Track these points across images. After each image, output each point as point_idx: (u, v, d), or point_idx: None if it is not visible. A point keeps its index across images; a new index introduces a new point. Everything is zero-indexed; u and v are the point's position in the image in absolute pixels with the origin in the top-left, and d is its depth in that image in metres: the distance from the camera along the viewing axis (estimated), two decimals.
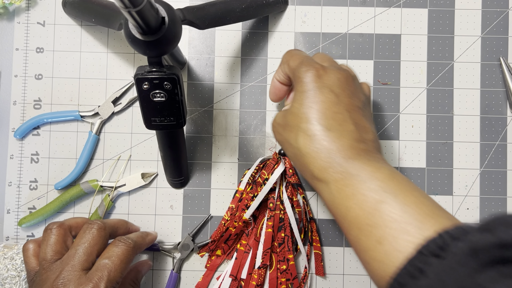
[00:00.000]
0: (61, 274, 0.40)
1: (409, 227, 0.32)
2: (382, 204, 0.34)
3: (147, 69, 0.41)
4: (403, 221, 0.33)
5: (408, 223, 0.32)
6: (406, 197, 0.34)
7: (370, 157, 0.38)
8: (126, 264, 0.42)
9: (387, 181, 0.35)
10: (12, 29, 0.55)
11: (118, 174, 0.54)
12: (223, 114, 0.54)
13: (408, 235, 0.32)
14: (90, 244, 0.42)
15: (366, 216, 0.34)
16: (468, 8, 0.55)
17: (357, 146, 0.38)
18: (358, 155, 0.37)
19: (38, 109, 0.55)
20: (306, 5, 0.55)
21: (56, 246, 0.43)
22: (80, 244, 0.42)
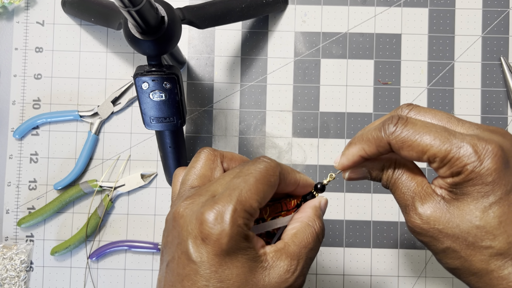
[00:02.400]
0: (176, 201, 0.32)
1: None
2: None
3: (147, 68, 0.41)
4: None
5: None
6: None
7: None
8: (265, 186, 0.30)
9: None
10: (11, 29, 0.55)
11: (118, 174, 0.54)
12: (223, 114, 0.54)
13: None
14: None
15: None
16: (468, 8, 0.55)
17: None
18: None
19: (37, 109, 0.54)
20: (306, 5, 0.55)
21: (200, 171, 0.34)
22: (191, 168, 0.33)
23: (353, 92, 0.54)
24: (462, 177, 0.29)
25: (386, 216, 0.53)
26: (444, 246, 0.30)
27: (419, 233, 0.31)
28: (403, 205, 0.32)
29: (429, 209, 0.31)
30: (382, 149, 0.32)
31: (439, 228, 0.30)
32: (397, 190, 0.32)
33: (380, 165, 0.33)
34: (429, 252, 0.53)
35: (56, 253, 0.52)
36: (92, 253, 0.53)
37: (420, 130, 0.30)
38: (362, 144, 0.33)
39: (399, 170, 0.33)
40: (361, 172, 0.34)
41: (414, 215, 0.31)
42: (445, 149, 0.29)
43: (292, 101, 0.54)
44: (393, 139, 0.31)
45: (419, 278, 0.53)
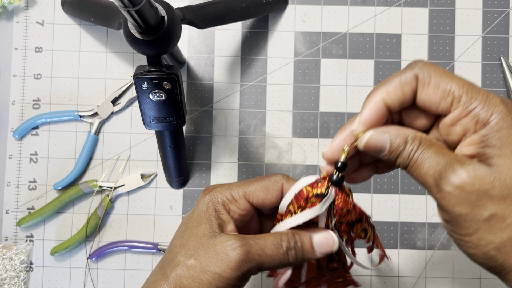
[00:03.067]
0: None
1: None
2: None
3: (147, 68, 0.41)
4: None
5: None
6: None
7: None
8: (257, 186, 0.36)
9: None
10: (11, 29, 0.55)
11: (117, 174, 0.54)
12: (223, 114, 0.54)
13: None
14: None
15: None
16: (468, 8, 0.54)
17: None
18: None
19: (37, 109, 0.54)
20: (306, 4, 0.54)
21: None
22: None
23: (353, 92, 0.54)
24: (492, 126, 0.27)
25: (386, 216, 0.53)
26: (488, 214, 0.27)
27: (458, 202, 0.27)
28: (435, 176, 0.28)
29: (471, 170, 0.27)
30: (408, 90, 0.29)
31: (484, 189, 0.27)
32: (424, 163, 0.29)
33: (404, 135, 0.30)
34: (429, 252, 0.53)
35: (56, 253, 0.52)
36: (92, 253, 0.53)
37: (446, 74, 0.29)
38: (385, 86, 0.30)
39: (426, 143, 0.29)
40: (382, 138, 0.30)
41: (453, 180, 0.27)
42: (472, 92, 0.28)
43: (292, 101, 0.54)
44: (421, 72, 0.29)
45: (419, 278, 0.53)
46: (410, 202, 0.53)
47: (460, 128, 0.29)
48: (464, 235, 0.28)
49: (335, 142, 0.32)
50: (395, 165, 0.31)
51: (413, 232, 0.53)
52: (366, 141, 0.30)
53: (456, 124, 0.29)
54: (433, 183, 0.28)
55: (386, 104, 0.30)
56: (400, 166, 0.30)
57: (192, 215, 0.36)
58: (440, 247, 0.53)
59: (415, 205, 0.53)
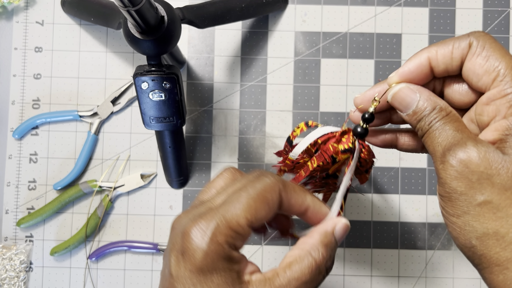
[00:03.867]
0: (188, 209, 0.29)
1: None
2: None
3: (146, 68, 0.41)
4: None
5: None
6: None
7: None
8: (259, 204, 0.27)
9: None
10: (10, 29, 0.55)
11: (117, 174, 0.54)
12: (223, 114, 0.54)
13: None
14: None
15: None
16: (469, 8, 0.54)
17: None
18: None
19: (36, 109, 0.54)
20: (306, 4, 0.54)
21: (216, 186, 0.31)
22: (229, 186, 0.30)
23: (354, 92, 0.54)
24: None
25: (386, 216, 0.53)
26: (483, 199, 0.26)
27: (457, 177, 0.26)
28: (445, 146, 0.27)
29: (483, 151, 0.26)
30: (457, 55, 0.28)
31: (488, 173, 0.26)
32: (441, 134, 0.28)
33: (434, 102, 0.29)
34: (429, 252, 0.53)
35: (56, 253, 0.52)
36: (91, 254, 0.53)
37: (501, 50, 0.28)
38: (436, 46, 0.29)
39: (451, 117, 0.28)
40: (411, 95, 0.29)
41: (460, 154, 0.26)
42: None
43: (292, 101, 0.54)
44: (475, 41, 0.28)
45: (419, 278, 0.53)
46: (410, 202, 0.53)
47: (493, 109, 0.28)
48: (453, 215, 0.27)
49: (370, 91, 0.31)
50: (415, 130, 0.30)
51: (413, 232, 0.53)
52: (395, 92, 0.29)
53: (490, 103, 0.28)
54: (440, 153, 0.27)
55: (431, 63, 0.29)
56: (418, 132, 0.29)
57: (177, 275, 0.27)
58: (440, 247, 0.53)
59: (415, 205, 0.53)
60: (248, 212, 0.27)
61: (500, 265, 0.26)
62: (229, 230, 0.26)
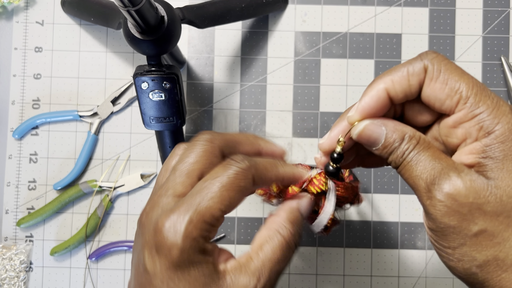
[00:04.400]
0: (151, 199, 0.29)
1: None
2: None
3: (146, 68, 0.41)
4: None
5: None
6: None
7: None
8: (232, 193, 0.27)
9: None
10: (10, 29, 0.55)
11: (117, 174, 0.54)
12: (223, 114, 0.54)
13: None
14: (189, 162, 0.28)
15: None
16: (469, 8, 0.54)
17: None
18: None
19: (36, 109, 0.54)
20: (306, 4, 0.54)
21: (189, 168, 0.29)
22: (179, 162, 0.29)
23: (354, 92, 0.54)
24: (496, 136, 0.25)
25: (387, 217, 0.53)
26: (477, 229, 0.25)
27: (448, 213, 0.25)
28: (427, 180, 0.26)
29: (468, 180, 0.25)
30: (414, 82, 0.27)
31: (478, 203, 0.25)
32: (418, 165, 0.27)
33: (402, 131, 0.28)
34: (429, 252, 0.53)
35: (56, 253, 0.52)
36: (91, 254, 0.53)
37: (457, 70, 0.27)
38: (390, 75, 0.28)
39: (423, 145, 0.27)
40: (377, 130, 0.28)
41: (447, 188, 0.25)
42: (481, 95, 0.26)
43: (292, 101, 0.54)
44: (431, 64, 0.27)
45: (419, 278, 0.53)
46: (410, 202, 0.53)
47: (462, 132, 0.27)
48: (448, 248, 0.27)
49: (333, 132, 0.30)
50: (387, 162, 0.29)
51: (413, 232, 0.53)
52: (360, 131, 0.28)
53: (459, 126, 0.27)
54: (425, 188, 0.26)
55: (389, 94, 0.28)
56: (391, 164, 0.28)
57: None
58: None
59: (415, 205, 0.53)
60: (222, 204, 0.26)
61: (504, 287, 0.26)
62: (203, 224, 0.26)
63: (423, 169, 0.27)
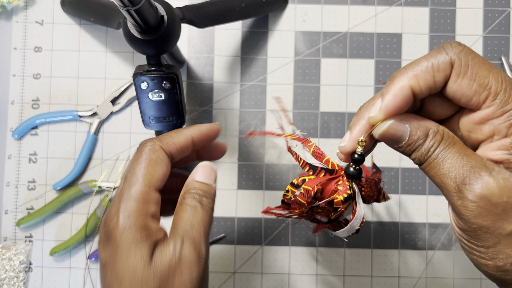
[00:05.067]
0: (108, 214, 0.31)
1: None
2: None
3: (146, 68, 0.40)
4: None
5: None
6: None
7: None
8: (150, 168, 0.31)
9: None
10: (10, 28, 0.54)
11: (117, 175, 0.54)
12: (223, 114, 0.54)
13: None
14: (142, 174, 0.31)
15: None
16: (469, 7, 0.54)
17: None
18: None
19: (36, 109, 0.54)
20: (306, 4, 0.54)
21: (139, 183, 0.32)
22: (128, 175, 0.31)
23: (354, 92, 0.54)
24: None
25: (387, 216, 0.53)
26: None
27: (481, 213, 0.25)
28: (457, 179, 0.25)
29: (500, 180, 0.24)
30: (440, 78, 0.26)
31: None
32: (445, 163, 0.26)
33: (426, 128, 0.27)
34: (429, 252, 0.53)
35: (55, 253, 0.52)
36: (91, 254, 0.53)
37: (486, 65, 0.25)
38: (414, 70, 0.26)
39: (448, 140, 0.26)
40: (401, 128, 0.27)
41: (479, 189, 0.24)
42: (510, 91, 0.25)
43: (292, 101, 0.54)
44: (457, 59, 0.26)
45: (419, 278, 0.53)
46: (410, 202, 0.53)
47: (489, 128, 0.26)
48: (481, 247, 0.26)
49: (354, 133, 0.29)
50: (411, 159, 0.28)
51: (413, 233, 0.53)
52: (385, 130, 0.27)
53: (486, 123, 0.26)
54: (454, 188, 0.25)
55: (414, 91, 0.26)
56: (414, 161, 0.28)
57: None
58: (440, 248, 0.53)
59: (415, 205, 0.53)
60: (144, 180, 0.30)
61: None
62: (135, 202, 0.29)
63: (450, 167, 0.26)
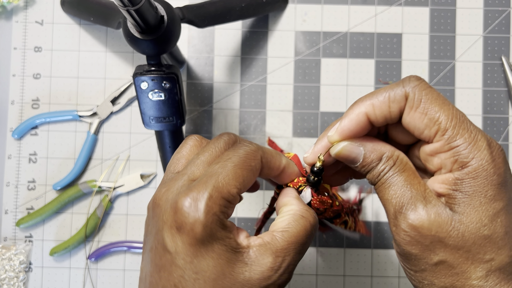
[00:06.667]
0: (164, 184, 0.29)
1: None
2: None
3: (146, 68, 0.40)
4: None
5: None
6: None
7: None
8: (244, 171, 0.28)
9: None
10: (10, 28, 0.54)
11: (117, 175, 0.54)
12: (223, 114, 0.54)
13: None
14: (211, 154, 0.30)
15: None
16: (469, 7, 0.54)
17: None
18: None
19: (36, 109, 0.54)
20: (306, 4, 0.54)
21: (185, 155, 0.31)
22: (201, 153, 0.30)
23: (354, 92, 0.54)
24: (469, 171, 0.26)
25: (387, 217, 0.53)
26: (438, 260, 0.26)
27: (411, 242, 0.27)
28: (396, 207, 0.27)
29: (433, 213, 0.26)
30: (395, 109, 0.28)
31: (440, 236, 0.26)
32: (390, 189, 0.28)
33: (380, 152, 0.29)
34: None
35: (55, 253, 0.52)
36: (91, 254, 0.53)
37: (438, 101, 0.27)
38: (371, 99, 0.28)
39: (399, 167, 0.28)
40: (355, 151, 0.29)
41: (411, 219, 0.26)
42: (459, 128, 0.26)
43: (293, 101, 0.54)
44: (412, 93, 0.27)
45: None
46: None
47: (438, 161, 0.28)
48: (410, 269, 0.28)
49: (316, 148, 0.31)
50: (366, 178, 0.30)
51: None
52: (338, 151, 0.29)
53: (435, 155, 0.28)
54: (392, 214, 0.28)
55: (369, 118, 0.28)
56: (369, 182, 0.29)
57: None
58: None
59: None
60: (237, 181, 0.28)
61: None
62: (222, 200, 0.27)
63: (393, 194, 0.27)
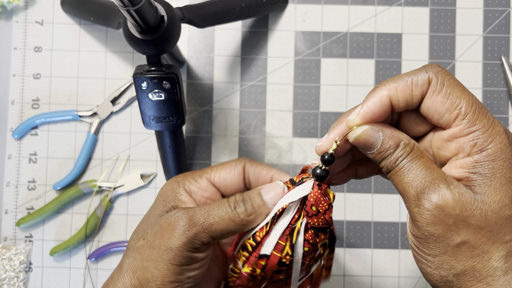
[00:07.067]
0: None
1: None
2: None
3: (146, 68, 0.40)
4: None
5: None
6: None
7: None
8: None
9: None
10: (10, 28, 0.54)
11: (117, 175, 0.54)
12: (223, 114, 0.54)
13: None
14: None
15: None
16: (469, 7, 0.54)
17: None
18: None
19: (36, 109, 0.54)
20: (306, 4, 0.54)
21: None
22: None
23: (354, 92, 0.54)
24: (488, 153, 0.26)
25: (387, 217, 0.53)
26: (460, 240, 0.26)
27: (434, 222, 0.26)
28: (417, 188, 0.27)
29: (456, 194, 0.26)
30: (417, 92, 0.28)
31: (464, 215, 0.26)
32: (410, 172, 0.28)
33: (398, 138, 0.29)
34: None
35: (55, 253, 0.52)
36: (91, 254, 0.53)
37: (460, 87, 0.28)
38: (394, 83, 0.28)
39: (417, 153, 0.28)
40: (375, 135, 0.29)
41: (435, 198, 0.26)
42: (478, 113, 0.27)
43: (292, 101, 0.54)
44: (435, 77, 0.28)
45: (420, 278, 0.53)
46: None
47: (455, 146, 0.28)
48: (429, 255, 0.28)
49: (331, 135, 0.30)
50: (380, 166, 0.29)
51: None
52: (359, 135, 0.29)
53: (453, 140, 0.28)
54: (414, 196, 0.27)
55: (392, 101, 0.28)
56: (383, 169, 0.29)
57: (152, 204, 0.36)
58: None
59: None
60: (207, 169, 0.37)
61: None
62: (187, 177, 0.36)
63: (414, 177, 0.28)
